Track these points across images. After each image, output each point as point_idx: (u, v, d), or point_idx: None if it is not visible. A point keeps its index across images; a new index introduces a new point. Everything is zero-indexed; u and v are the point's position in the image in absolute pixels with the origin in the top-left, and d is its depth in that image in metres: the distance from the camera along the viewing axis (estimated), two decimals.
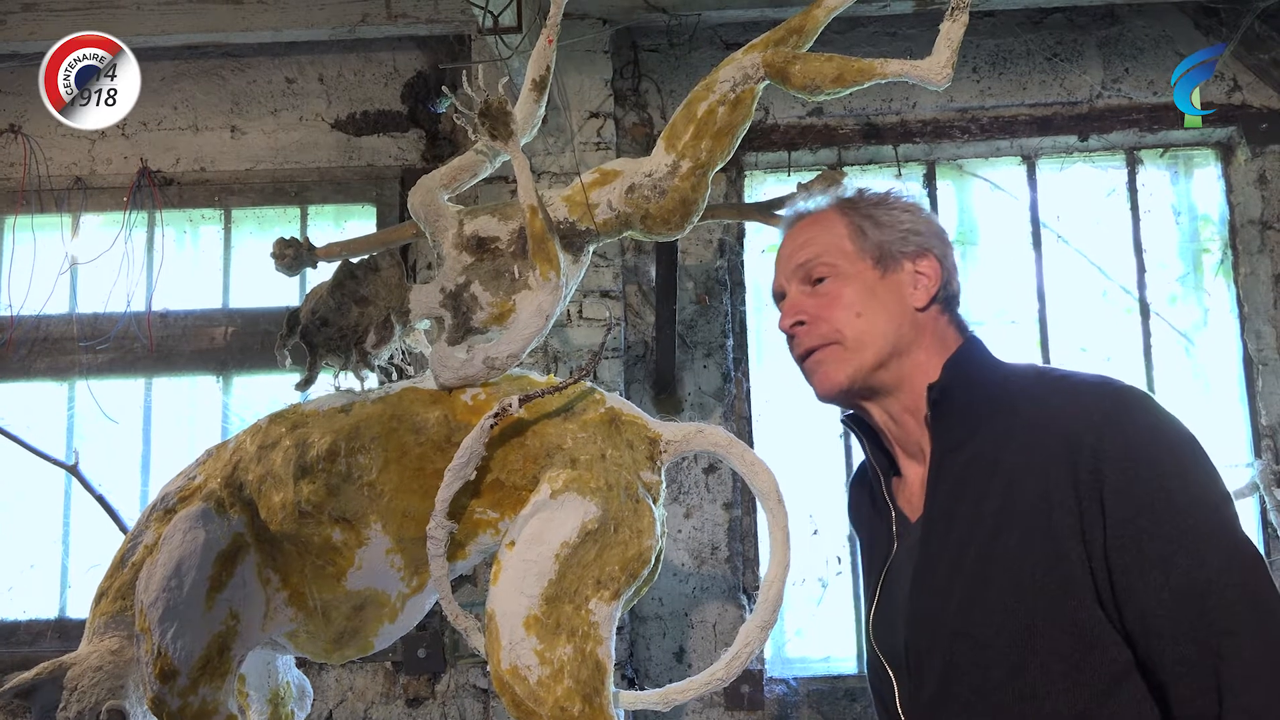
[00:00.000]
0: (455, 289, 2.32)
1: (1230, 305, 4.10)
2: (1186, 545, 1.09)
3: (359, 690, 3.90)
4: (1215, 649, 1.06)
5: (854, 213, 1.38)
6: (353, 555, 2.19)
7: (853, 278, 1.34)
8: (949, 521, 1.23)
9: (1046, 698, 1.13)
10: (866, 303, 1.32)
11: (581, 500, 2.07)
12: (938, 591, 1.22)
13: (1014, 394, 1.26)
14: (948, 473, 1.26)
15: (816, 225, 1.41)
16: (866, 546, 1.45)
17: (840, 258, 1.35)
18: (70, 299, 4.26)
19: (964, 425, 1.26)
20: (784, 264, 1.44)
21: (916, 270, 1.34)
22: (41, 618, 4.08)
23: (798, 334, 1.37)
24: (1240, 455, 3.98)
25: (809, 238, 1.39)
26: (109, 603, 2.26)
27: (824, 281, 1.35)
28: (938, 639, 1.21)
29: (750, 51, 2.32)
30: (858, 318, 1.31)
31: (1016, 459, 1.19)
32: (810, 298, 1.37)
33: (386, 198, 4.19)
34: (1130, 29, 4.15)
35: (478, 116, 2.29)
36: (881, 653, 1.31)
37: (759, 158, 4.20)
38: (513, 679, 2.01)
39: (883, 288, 1.33)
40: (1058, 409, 1.19)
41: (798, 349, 1.38)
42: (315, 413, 2.30)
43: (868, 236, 1.35)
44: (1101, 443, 1.13)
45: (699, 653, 3.88)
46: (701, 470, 4.00)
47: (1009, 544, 1.17)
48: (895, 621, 1.29)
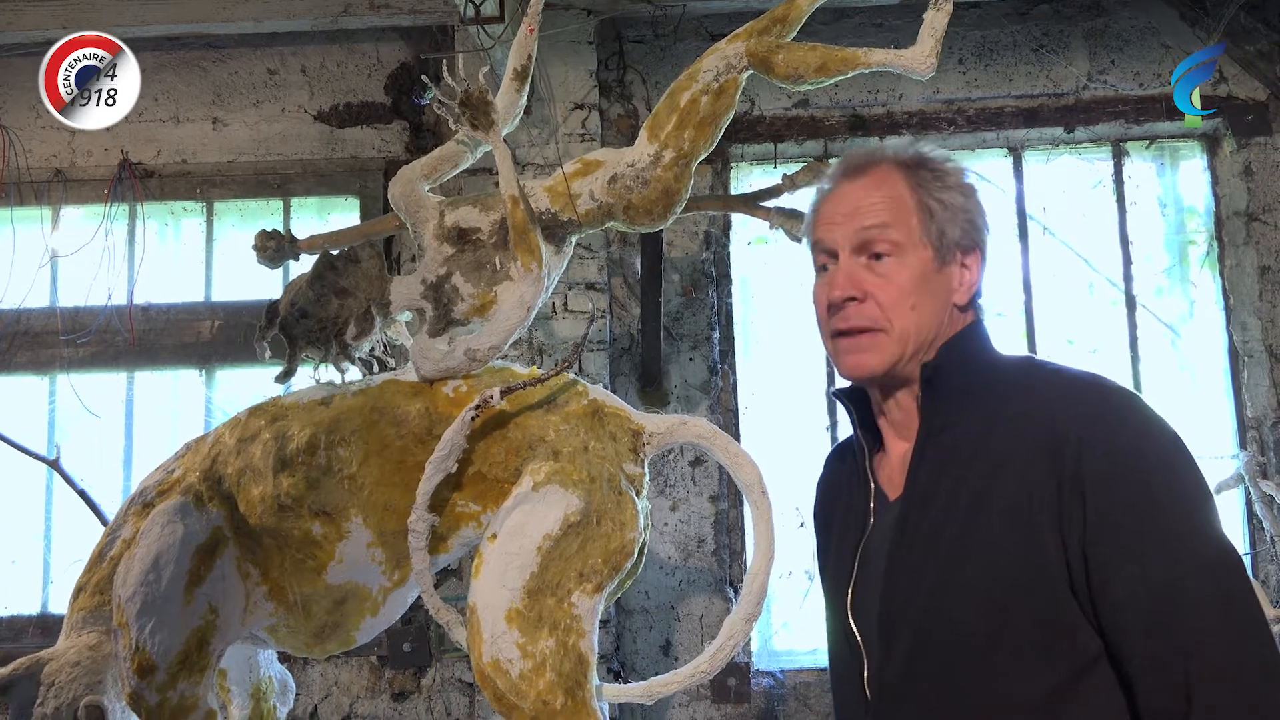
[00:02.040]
0: (436, 280, 2.30)
1: (1216, 297, 4.11)
2: (1164, 543, 1.09)
3: (344, 685, 3.88)
4: (1184, 647, 1.06)
5: (921, 188, 1.29)
6: (333, 549, 2.17)
7: (912, 262, 1.28)
8: (928, 501, 1.23)
9: (1015, 680, 1.13)
10: (920, 294, 1.27)
11: (564, 493, 2.06)
12: (912, 570, 1.22)
13: (1005, 382, 1.25)
14: (932, 453, 1.25)
15: (883, 187, 1.30)
16: (840, 521, 1.43)
17: (906, 236, 1.28)
18: (51, 292, 4.22)
19: (952, 407, 1.26)
20: (843, 220, 1.31)
21: (964, 265, 1.31)
22: (23, 613, 4.05)
23: (848, 309, 1.29)
24: (1225, 447, 3.99)
25: (876, 201, 1.29)
26: (87, 597, 2.24)
27: (884, 259, 1.28)
28: (909, 617, 1.21)
29: (734, 41, 2.30)
30: (911, 310, 1.27)
31: (1001, 446, 1.19)
32: (867, 272, 1.28)
33: (370, 190, 4.16)
34: (1116, 21, 4.15)
35: (458, 106, 2.27)
36: (856, 627, 1.30)
37: (745, 149, 4.19)
38: (494, 672, 2.00)
39: (936, 280, 1.29)
40: (1046, 401, 1.19)
41: (839, 322, 1.30)
42: (295, 405, 2.28)
43: (934, 219, 1.29)
44: (1087, 437, 1.13)
45: (685, 646, 3.87)
46: (688, 463, 3.99)
47: (987, 528, 1.17)
48: (871, 597, 1.28)
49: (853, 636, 1.30)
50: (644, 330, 3.85)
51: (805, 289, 4.23)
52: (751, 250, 4.25)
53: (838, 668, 1.37)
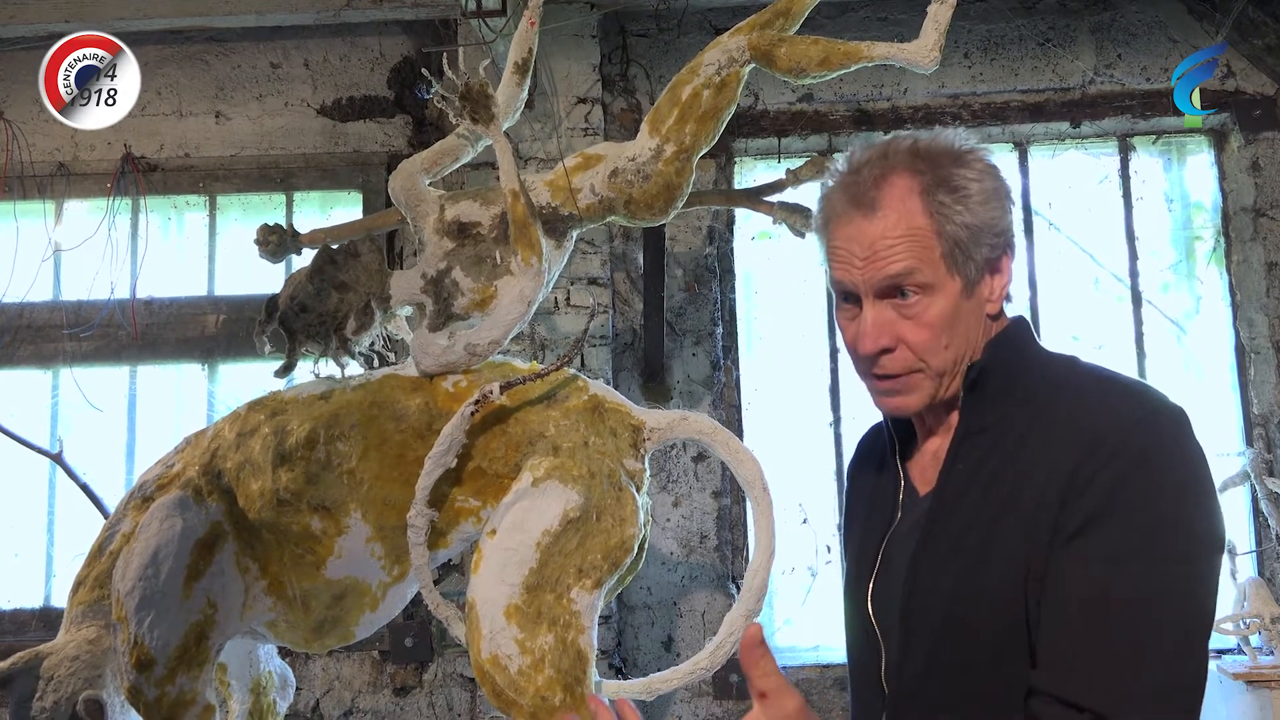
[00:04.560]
0: (436, 275, 2.29)
1: (1223, 293, 4.09)
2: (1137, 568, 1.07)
3: (346, 679, 3.88)
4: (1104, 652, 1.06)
5: (941, 214, 1.20)
6: (332, 544, 2.16)
7: (941, 297, 1.22)
8: (959, 501, 1.21)
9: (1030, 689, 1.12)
10: (952, 329, 1.23)
11: (564, 488, 2.05)
12: (937, 569, 1.20)
13: (1049, 384, 1.22)
14: (967, 452, 1.23)
15: (900, 224, 1.20)
16: (864, 510, 1.41)
17: (933, 275, 1.21)
18: (54, 286, 4.22)
19: (994, 408, 1.23)
20: (862, 265, 1.22)
21: (994, 276, 1.25)
22: (27, 607, 4.06)
23: (882, 361, 1.25)
24: (1231, 444, 3.97)
25: (895, 244, 1.20)
26: (86, 591, 2.23)
27: (911, 298, 1.22)
28: (930, 616, 1.20)
29: (736, 34, 2.29)
30: (945, 349, 1.23)
31: (1036, 450, 1.16)
32: (895, 314, 1.22)
33: (373, 184, 4.16)
34: (1123, 14, 4.12)
35: (459, 100, 2.25)
36: (876, 621, 1.29)
37: (749, 144, 4.17)
38: (493, 668, 1.99)
39: (967, 307, 1.23)
40: (1089, 410, 1.16)
41: (876, 369, 1.26)
42: (295, 400, 2.27)
43: (960, 248, 1.21)
44: (1121, 446, 1.10)
45: (687, 642, 3.87)
46: (690, 459, 3.98)
47: (1010, 532, 1.15)
48: (893, 591, 1.27)
49: (871, 629, 1.29)
50: (647, 325, 3.84)
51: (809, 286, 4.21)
52: (755, 245, 4.23)
53: (855, 657, 1.36)
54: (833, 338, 4.09)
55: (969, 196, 1.21)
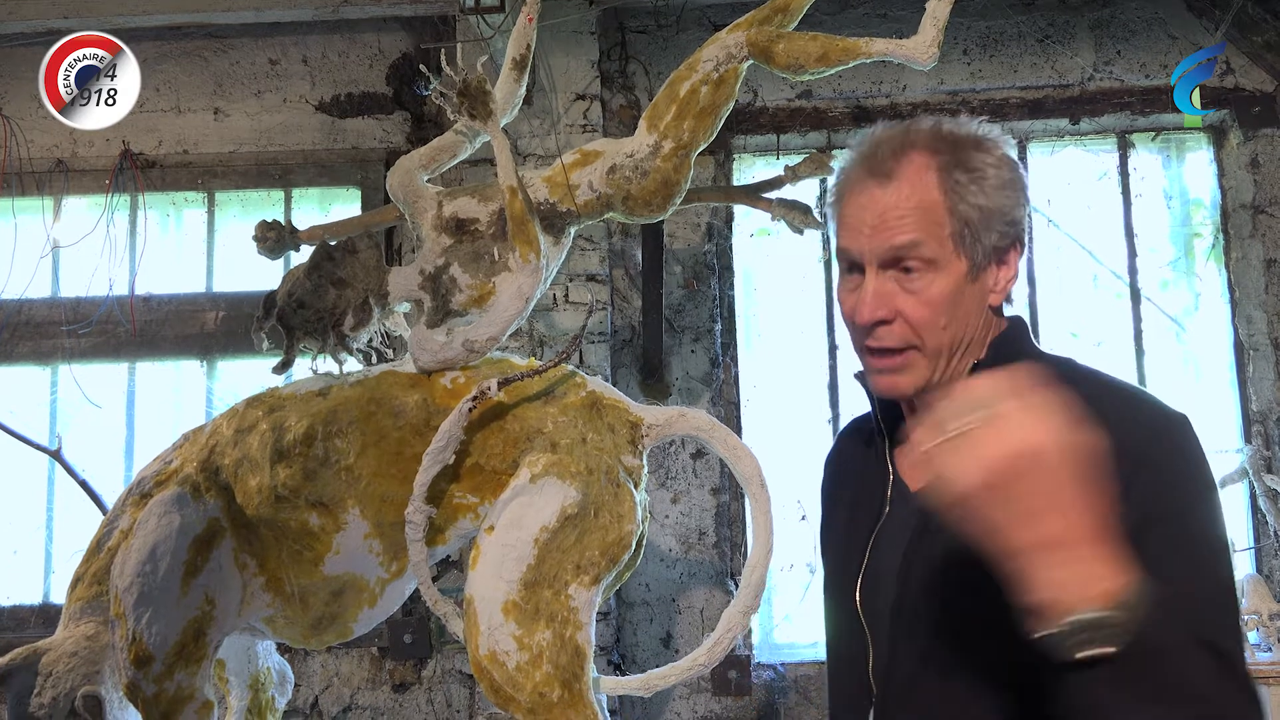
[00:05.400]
0: (434, 271, 2.29)
1: (1222, 290, 4.08)
2: None
3: (345, 676, 3.88)
4: None
5: (955, 193, 1.21)
6: (330, 540, 2.17)
7: (944, 275, 1.21)
8: None
9: None
10: (953, 310, 1.22)
11: (561, 485, 2.06)
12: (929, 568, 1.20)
13: None
14: None
15: (913, 195, 1.21)
16: (850, 503, 1.40)
17: (939, 251, 1.21)
18: (52, 282, 4.22)
19: None
20: (870, 232, 1.23)
21: (1001, 266, 1.24)
22: (26, 603, 4.06)
23: (878, 330, 1.24)
24: (1230, 441, 3.97)
25: (906, 214, 1.21)
26: (85, 588, 2.24)
27: (914, 273, 1.21)
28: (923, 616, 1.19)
29: (734, 30, 2.29)
30: (943, 330, 1.22)
31: None
32: (896, 287, 1.22)
33: (371, 181, 4.15)
34: (1123, 11, 4.12)
35: (456, 96, 2.25)
36: (864, 616, 1.28)
37: (747, 140, 4.17)
38: (491, 664, 2.00)
39: (970, 292, 1.23)
40: (1100, 416, 1.15)
41: (871, 341, 1.25)
42: (293, 396, 2.27)
43: (970, 228, 1.21)
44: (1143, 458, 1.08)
45: (686, 638, 3.87)
46: (689, 455, 3.98)
47: None
48: (881, 587, 1.26)
49: (858, 624, 1.29)
50: (645, 322, 3.84)
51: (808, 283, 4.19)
52: (754, 242, 4.23)
53: (839, 650, 1.35)
54: (832, 335, 4.09)
55: (985, 179, 1.21)
